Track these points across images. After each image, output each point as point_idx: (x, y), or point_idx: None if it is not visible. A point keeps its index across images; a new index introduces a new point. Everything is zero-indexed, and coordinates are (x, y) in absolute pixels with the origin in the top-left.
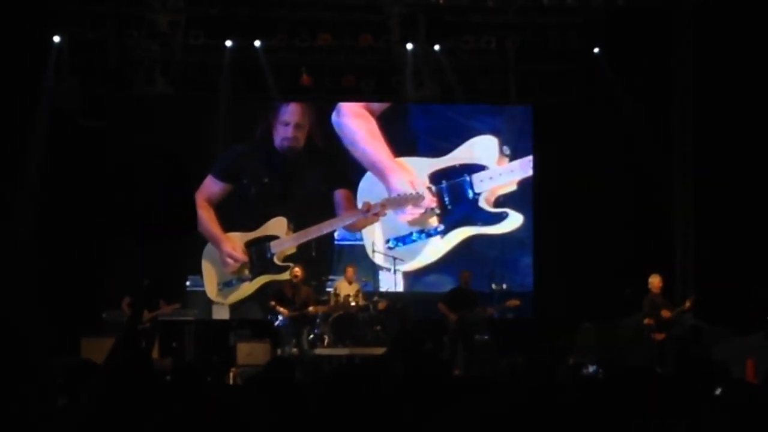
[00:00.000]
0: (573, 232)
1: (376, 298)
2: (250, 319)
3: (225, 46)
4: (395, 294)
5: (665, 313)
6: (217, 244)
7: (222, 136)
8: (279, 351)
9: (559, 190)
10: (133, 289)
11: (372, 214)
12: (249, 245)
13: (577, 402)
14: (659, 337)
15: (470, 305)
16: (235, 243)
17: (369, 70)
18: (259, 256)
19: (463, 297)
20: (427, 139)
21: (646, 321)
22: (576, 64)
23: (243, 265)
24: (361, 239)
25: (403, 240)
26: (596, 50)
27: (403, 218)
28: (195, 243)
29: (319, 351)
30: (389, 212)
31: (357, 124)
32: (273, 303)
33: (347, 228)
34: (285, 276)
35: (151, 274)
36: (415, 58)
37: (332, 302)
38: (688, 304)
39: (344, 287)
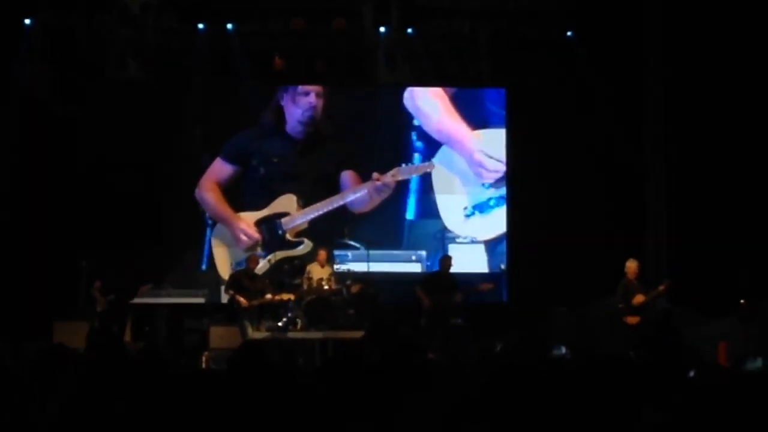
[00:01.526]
0: (546, 216)
1: (348, 282)
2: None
3: (197, 30)
4: (365, 275)
5: (638, 299)
6: (229, 224)
7: (225, 120)
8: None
9: (532, 173)
10: (104, 274)
11: (383, 183)
12: (259, 224)
13: (546, 384)
14: (632, 320)
15: (447, 290)
16: (247, 221)
17: (342, 55)
18: (270, 233)
19: (439, 281)
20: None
21: (620, 305)
22: (549, 49)
23: (256, 243)
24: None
25: (480, 207)
26: (569, 34)
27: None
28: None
29: (292, 335)
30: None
31: (432, 101)
32: (231, 292)
33: (362, 209)
34: (300, 252)
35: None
36: (388, 42)
37: (305, 286)
38: (661, 288)
39: (317, 270)
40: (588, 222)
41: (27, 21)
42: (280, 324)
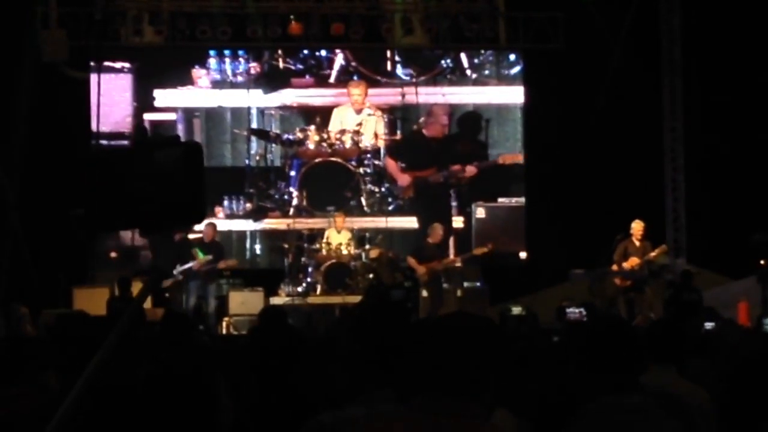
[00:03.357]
0: (564, 179)
1: (368, 246)
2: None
3: None
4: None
5: (631, 262)
6: None
7: None
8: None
9: (549, 136)
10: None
11: None
12: None
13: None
14: (621, 283)
15: (438, 257)
16: None
17: (358, 18)
18: None
19: (430, 250)
20: None
21: (613, 267)
22: (565, 11)
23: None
24: None
25: None
26: None
27: None
28: None
29: (312, 299)
30: None
31: None
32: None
33: None
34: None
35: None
36: (404, 5)
37: (324, 251)
38: (653, 254)
39: (334, 236)
40: (606, 183)
41: None
42: (299, 289)
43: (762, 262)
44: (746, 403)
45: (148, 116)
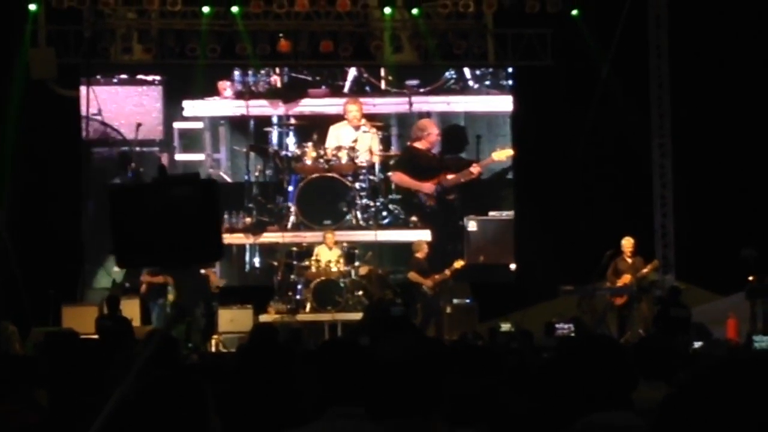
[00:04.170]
0: (553, 196)
1: (357, 263)
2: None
3: (202, 13)
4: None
5: (624, 279)
6: None
7: None
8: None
9: (538, 151)
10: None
11: None
12: None
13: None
14: (617, 301)
15: (430, 271)
16: None
17: (347, 35)
18: None
19: (423, 264)
20: None
21: (607, 284)
22: (553, 27)
23: None
24: None
25: None
26: (574, 12)
27: None
28: None
29: (301, 317)
30: None
31: None
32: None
33: None
34: None
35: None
36: (393, 22)
37: (313, 268)
38: (645, 270)
39: (325, 252)
40: (595, 200)
41: (32, 6)
42: (289, 306)
43: (750, 277)
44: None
45: (177, 125)
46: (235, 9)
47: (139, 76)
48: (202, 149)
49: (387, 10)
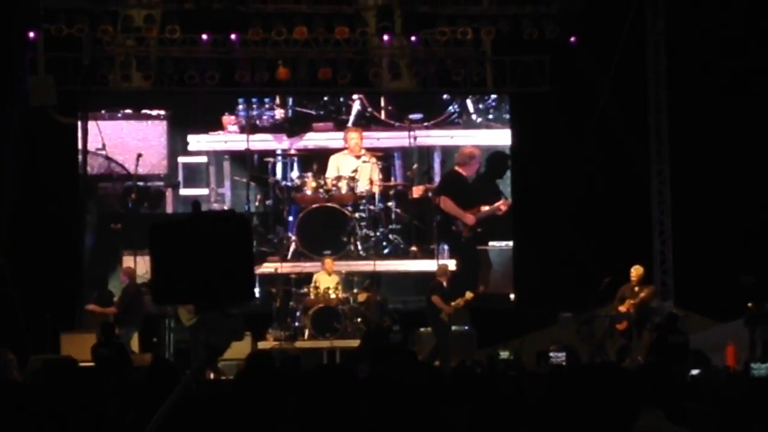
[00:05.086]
0: (551, 222)
1: (356, 290)
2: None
3: (201, 40)
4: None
5: (626, 305)
6: None
7: None
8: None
9: (536, 179)
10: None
11: None
12: None
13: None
14: (620, 326)
15: (450, 297)
16: None
17: (345, 62)
18: None
19: (445, 290)
20: None
21: (613, 312)
22: (552, 54)
23: None
24: None
25: None
26: (572, 39)
27: None
28: None
29: (299, 344)
30: None
31: None
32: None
33: None
34: None
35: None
36: (392, 49)
37: (312, 295)
38: (642, 295)
39: (324, 279)
40: (593, 226)
41: (31, 34)
42: (287, 333)
43: (749, 304)
44: None
45: (181, 159)
46: (233, 37)
47: (144, 111)
48: (206, 184)
49: (385, 37)
